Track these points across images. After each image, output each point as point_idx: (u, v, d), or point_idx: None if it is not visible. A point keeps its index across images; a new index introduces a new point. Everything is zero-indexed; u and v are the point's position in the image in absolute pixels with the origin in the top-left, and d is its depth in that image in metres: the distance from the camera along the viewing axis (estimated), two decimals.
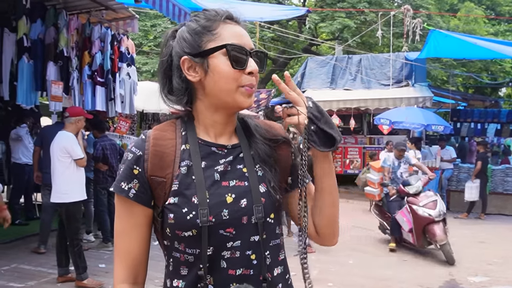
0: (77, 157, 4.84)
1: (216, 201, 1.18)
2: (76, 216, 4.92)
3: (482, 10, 27.96)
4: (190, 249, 1.18)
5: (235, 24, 1.25)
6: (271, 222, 1.23)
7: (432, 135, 16.16)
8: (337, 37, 20.91)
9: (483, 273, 6.04)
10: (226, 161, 1.24)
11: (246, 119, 1.35)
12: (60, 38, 6.96)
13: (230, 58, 1.19)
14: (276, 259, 1.26)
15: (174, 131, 1.26)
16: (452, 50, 12.45)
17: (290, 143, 1.36)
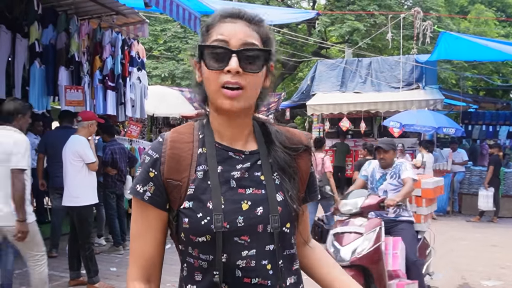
0: (89, 161, 4.88)
1: (231, 207, 1.17)
2: (87, 219, 4.96)
3: (492, 12, 27.75)
4: (204, 255, 1.18)
5: (233, 22, 1.19)
6: (286, 232, 1.22)
7: (444, 137, 16.03)
8: (347, 40, 20.89)
9: (496, 277, 5.97)
10: (243, 167, 1.22)
11: (267, 125, 1.31)
12: (71, 43, 7.04)
13: (204, 58, 1.17)
14: (290, 269, 1.25)
15: (192, 134, 1.26)
16: (462, 52, 12.38)
17: (311, 152, 1.34)
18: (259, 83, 1.21)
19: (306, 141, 1.32)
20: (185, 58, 20.94)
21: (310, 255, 1.41)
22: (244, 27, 1.19)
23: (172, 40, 20.62)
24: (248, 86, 1.16)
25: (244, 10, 1.22)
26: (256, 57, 1.17)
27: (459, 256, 7.08)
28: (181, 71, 19.90)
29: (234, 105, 1.16)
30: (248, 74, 1.16)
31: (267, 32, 1.24)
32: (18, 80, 6.63)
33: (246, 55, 1.16)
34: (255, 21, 1.22)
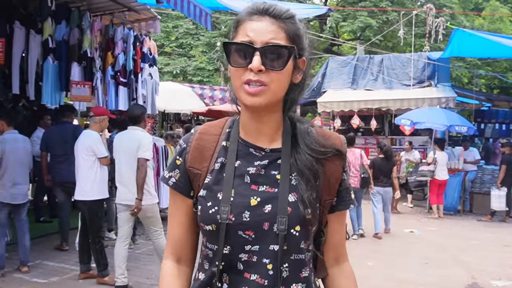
0: (101, 155, 4.93)
1: (239, 201, 1.18)
2: (98, 214, 5.02)
3: (508, 9, 27.39)
4: (210, 244, 1.22)
5: (260, 19, 1.18)
6: (295, 235, 1.18)
7: (456, 136, 15.91)
8: (359, 36, 20.78)
9: (507, 277, 5.93)
10: (260, 164, 1.23)
11: (298, 124, 1.28)
12: (84, 39, 7.10)
13: (228, 56, 1.18)
14: (297, 275, 1.21)
15: (221, 128, 1.30)
16: (476, 50, 12.23)
17: (343, 158, 1.28)
18: (284, 80, 1.19)
19: (340, 146, 1.27)
20: (196, 55, 21.02)
21: (334, 279, 1.36)
22: (270, 25, 1.17)
23: (183, 37, 20.71)
24: (271, 83, 1.15)
25: (272, 6, 1.19)
26: (280, 54, 1.15)
27: (470, 256, 7.04)
28: (193, 68, 19.99)
29: (256, 101, 1.16)
30: (271, 71, 1.15)
31: (296, 27, 1.21)
32: (31, 75, 6.72)
33: (269, 53, 1.15)
34: (283, 17, 1.19)
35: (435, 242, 7.93)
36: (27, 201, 5.44)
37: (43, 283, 5.07)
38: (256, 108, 1.18)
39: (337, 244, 1.35)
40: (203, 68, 20.14)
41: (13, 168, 5.20)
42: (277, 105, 1.23)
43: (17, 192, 5.23)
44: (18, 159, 5.27)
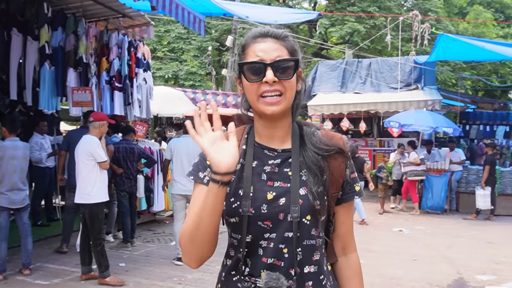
0: (100, 160, 5.09)
1: (257, 196, 1.38)
2: (98, 216, 5.17)
3: (491, 13, 27.93)
4: (234, 234, 1.42)
5: (264, 41, 1.41)
6: (306, 223, 1.37)
7: (442, 137, 16.26)
8: (347, 41, 21.09)
9: (492, 272, 6.18)
10: (274, 163, 1.43)
11: (305, 128, 1.49)
12: (80, 45, 7.24)
13: (244, 74, 1.39)
14: (309, 258, 1.39)
15: (241, 135, 1.50)
16: (460, 53, 12.59)
17: (345, 155, 1.47)
18: (293, 87, 1.41)
19: (342, 145, 1.47)
20: (188, 59, 21.16)
21: (341, 269, 1.52)
22: (273, 44, 1.40)
23: (175, 41, 20.83)
24: (286, 91, 1.38)
25: (271, 29, 1.43)
26: (287, 66, 1.38)
27: (456, 252, 7.30)
28: (185, 72, 20.11)
29: (275, 110, 1.37)
30: (283, 81, 1.37)
31: (293, 44, 1.44)
32: (29, 81, 6.84)
33: (279, 66, 1.36)
34: (281, 37, 1.42)
35: (423, 240, 8.20)
36: (27, 204, 5.56)
37: (45, 285, 5.20)
38: (275, 116, 1.39)
39: (344, 234, 1.53)
40: (195, 73, 20.29)
41: (12, 175, 5.30)
42: (288, 111, 1.45)
43: (16, 198, 5.35)
44: (18, 166, 5.37)
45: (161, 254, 6.58)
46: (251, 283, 1.35)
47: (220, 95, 15.24)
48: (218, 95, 15.19)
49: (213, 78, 20.60)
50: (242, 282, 1.37)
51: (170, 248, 6.91)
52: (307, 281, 1.38)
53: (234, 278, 1.41)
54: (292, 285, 1.34)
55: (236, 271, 1.40)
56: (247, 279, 1.36)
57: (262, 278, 1.33)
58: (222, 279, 1.46)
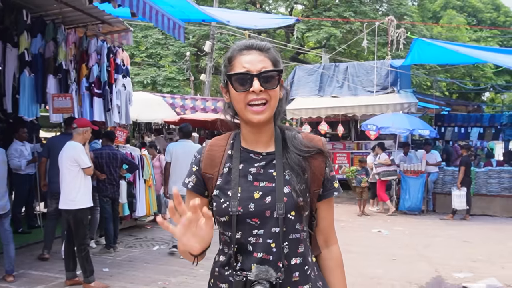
0: (84, 165, 5.11)
1: (245, 196, 1.50)
2: (83, 222, 5.18)
3: (464, 17, 28.63)
4: (226, 232, 1.53)
5: (249, 53, 1.52)
6: (291, 219, 1.49)
7: (418, 139, 16.58)
8: (324, 45, 21.35)
9: (468, 270, 6.38)
10: (259, 165, 1.55)
11: (286, 132, 1.61)
12: (59, 51, 7.22)
13: (232, 84, 1.51)
14: (295, 251, 1.51)
15: (227, 140, 1.63)
16: (435, 57, 12.92)
17: (325, 155, 1.59)
18: (277, 96, 1.54)
19: (321, 145, 1.59)
20: (166, 65, 21.12)
21: (324, 260, 1.65)
22: (258, 56, 1.52)
23: (153, 47, 20.79)
24: (271, 99, 1.50)
25: (255, 42, 1.55)
26: (272, 76, 1.50)
27: (434, 251, 7.49)
28: (163, 78, 20.08)
29: (261, 118, 1.49)
30: (268, 90, 1.49)
31: (275, 55, 1.56)
32: (8, 88, 6.79)
33: (264, 76, 1.49)
34: (265, 49, 1.54)
35: (401, 240, 8.39)
36: (8, 211, 5.53)
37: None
38: (261, 123, 1.51)
39: (326, 228, 1.65)
40: (173, 78, 20.29)
41: None
42: (272, 117, 1.57)
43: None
44: None
45: (144, 258, 6.60)
46: (243, 276, 1.45)
47: (199, 100, 15.28)
48: (197, 100, 15.23)
49: (191, 83, 20.61)
50: (234, 276, 1.48)
51: (153, 253, 6.93)
52: (294, 272, 1.50)
53: (226, 273, 1.52)
54: (280, 277, 1.45)
55: (228, 266, 1.52)
56: (239, 273, 1.47)
57: (252, 271, 1.44)
58: (215, 274, 1.57)
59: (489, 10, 31.11)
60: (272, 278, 1.42)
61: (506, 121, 15.63)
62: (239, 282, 1.44)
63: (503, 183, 11.17)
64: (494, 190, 11.19)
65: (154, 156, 9.29)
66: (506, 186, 11.13)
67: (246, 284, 1.42)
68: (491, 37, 27.72)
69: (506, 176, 11.20)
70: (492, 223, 10.22)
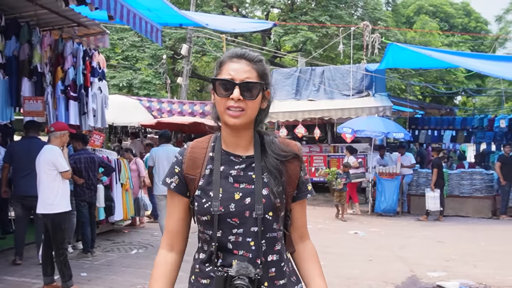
0: (62, 169, 5.06)
1: (226, 197, 1.58)
2: (61, 226, 5.11)
3: (436, 23, 29.26)
4: (206, 231, 1.60)
5: (238, 62, 1.59)
6: (269, 219, 1.58)
7: (393, 142, 16.86)
8: (300, 49, 21.52)
9: (442, 269, 6.53)
10: (240, 167, 1.63)
11: (265, 136, 1.69)
12: (34, 54, 7.11)
13: (215, 88, 1.59)
14: (272, 248, 1.60)
15: (208, 142, 1.69)
16: (409, 61, 13.21)
17: (300, 160, 1.69)
18: (256, 106, 1.61)
19: (297, 150, 1.69)
20: (142, 68, 20.96)
21: (300, 253, 1.74)
22: (245, 66, 1.59)
23: (129, 49, 20.62)
24: (247, 108, 1.57)
25: (247, 52, 1.62)
26: (253, 88, 1.58)
27: (409, 252, 7.65)
28: (139, 81, 19.92)
29: (236, 122, 1.57)
30: (247, 100, 1.56)
31: (264, 68, 1.63)
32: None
33: (246, 87, 1.56)
34: (255, 61, 1.61)
35: (377, 241, 8.53)
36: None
37: None
38: (236, 127, 1.59)
39: (300, 226, 1.76)
40: (149, 82, 20.15)
41: None
42: (251, 124, 1.65)
43: None
44: None
45: (122, 263, 6.55)
46: (224, 272, 1.52)
47: (176, 103, 15.24)
48: (174, 103, 15.18)
49: (168, 87, 20.52)
50: (215, 272, 1.55)
51: (131, 257, 6.88)
52: (270, 268, 1.60)
53: (207, 269, 1.60)
54: (258, 273, 1.53)
55: (209, 263, 1.59)
56: (220, 269, 1.54)
57: (233, 267, 1.51)
58: (196, 270, 1.64)
59: (461, 16, 31.90)
60: (251, 274, 1.49)
61: (477, 124, 16.06)
62: (220, 277, 1.51)
63: (475, 185, 11.46)
64: (466, 191, 11.47)
65: (131, 160, 9.23)
66: (477, 188, 11.42)
67: (227, 279, 1.49)
68: (462, 42, 28.42)
69: (477, 177, 11.50)
70: (465, 224, 10.48)
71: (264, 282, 1.56)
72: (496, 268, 6.55)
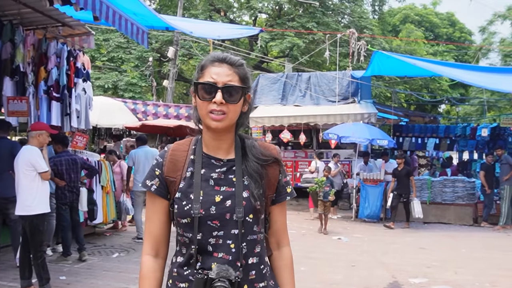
0: (41, 170, 4.98)
1: (207, 199, 1.57)
2: (39, 228, 5.03)
3: (422, 32, 29.61)
4: (186, 233, 1.58)
5: (220, 66, 1.60)
6: (249, 221, 1.58)
7: (377, 149, 16.97)
8: (287, 55, 21.60)
9: (423, 275, 6.56)
10: (220, 170, 1.62)
11: (245, 140, 1.70)
12: (17, 53, 7.00)
13: (197, 92, 1.58)
14: (252, 251, 1.60)
15: (188, 145, 1.68)
16: (394, 69, 13.30)
17: (279, 163, 1.70)
18: (238, 110, 1.62)
19: (276, 155, 1.70)
20: (128, 70, 20.82)
21: (274, 260, 1.75)
22: (227, 70, 1.60)
23: (114, 51, 20.47)
24: (229, 112, 1.58)
25: (228, 56, 1.62)
26: (235, 92, 1.59)
27: (391, 258, 7.68)
28: (125, 83, 19.77)
29: (218, 125, 1.57)
30: (229, 104, 1.57)
31: (245, 72, 1.64)
32: None
33: (228, 91, 1.57)
34: (236, 65, 1.62)
35: (360, 247, 8.55)
36: None
37: None
38: (218, 130, 1.59)
39: (278, 230, 1.76)
40: (135, 84, 20.02)
41: None
42: (232, 127, 1.66)
43: None
44: None
45: (103, 266, 6.46)
46: (204, 275, 1.49)
47: (161, 106, 15.16)
48: (159, 106, 15.10)
49: (153, 89, 20.41)
50: (195, 275, 1.52)
51: (112, 260, 6.80)
52: (251, 270, 1.59)
53: (185, 273, 1.58)
54: (239, 276, 1.52)
55: (188, 266, 1.58)
56: (200, 272, 1.51)
57: (213, 270, 1.49)
58: (174, 274, 1.62)
59: (446, 26, 32.33)
60: (231, 276, 1.48)
61: (460, 132, 16.25)
62: (200, 280, 1.48)
63: (457, 192, 11.56)
64: (449, 198, 11.56)
65: (115, 162, 9.13)
66: (460, 195, 11.52)
67: (207, 282, 1.47)
68: (447, 51, 28.77)
69: (460, 185, 11.60)
70: (446, 231, 10.56)
71: (244, 285, 1.56)
72: (476, 275, 6.60)
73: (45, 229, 5.14)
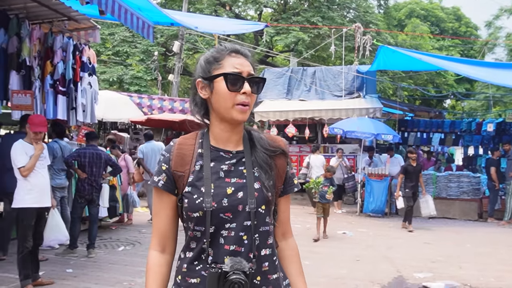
0: (18, 165, 4.92)
1: (218, 192, 1.56)
2: (23, 222, 4.96)
3: (427, 26, 29.43)
4: (197, 227, 1.56)
5: (238, 57, 1.60)
6: (261, 212, 1.58)
7: (382, 144, 16.94)
8: (292, 49, 21.54)
9: (428, 270, 6.57)
10: (230, 163, 1.61)
11: (252, 132, 1.71)
12: (23, 47, 7.02)
13: (226, 83, 1.56)
14: (265, 242, 1.60)
15: (195, 139, 1.67)
16: (399, 64, 13.26)
17: (286, 155, 1.71)
18: (254, 101, 1.64)
19: (284, 146, 1.71)
20: (133, 63, 20.83)
21: (282, 250, 1.75)
22: (245, 61, 1.61)
23: (120, 45, 20.48)
24: (251, 103, 1.60)
25: (240, 47, 1.64)
26: (258, 83, 1.61)
27: (396, 253, 7.68)
28: (130, 77, 19.79)
29: (244, 117, 1.59)
30: (252, 95, 1.59)
31: (253, 62, 1.66)
32: None
33: (253, 81, 1.59)
34: (248, 56, 1.63)
35: (365, 241, 8.56)
36: None
37: None
38: (243, 122, 1.61)
39: (284, 221, 1.77)
40: (140, 78, 20.03)
41: None
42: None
43: None
44: None
45: (109, 259, 6.51)
46: (217, 269, 1.47)
47: (166, 100, 15.17)
48: (164, 100, 15.11)
49: (159, 83, 20.41)
50: (208, 269, 1.50)
51: (118, 254, 6.85)
52: (264, 262, 1.59)
53: (197, 268, 1.55)
54: (252, 267, 1.51)
55: (199, 261, 1.55)
56: (213, 266, 1.50)
57: (226, 263, 1.48)
58: (183, 270, 1.59)
59: (451, 20, 32.12)
60: (245, 268, 1.47)
61: (465, 127, 16.18)
62: (214, 274, 1.46)
63: (462, 187, 11.55)
64: (454, 193, 11.56)
65: (119, 156, 9.17)
66: (465, 190, 11.52)
67: (221, 276, 1.45)
68: (452, 46, 28.60)
69: (465, 180, 11.59)
70: (451, 226, 10.56)
71: (257, 277, 1.55)
72: (481, 270, 6.60)
73: (29, 224, 4.99)
